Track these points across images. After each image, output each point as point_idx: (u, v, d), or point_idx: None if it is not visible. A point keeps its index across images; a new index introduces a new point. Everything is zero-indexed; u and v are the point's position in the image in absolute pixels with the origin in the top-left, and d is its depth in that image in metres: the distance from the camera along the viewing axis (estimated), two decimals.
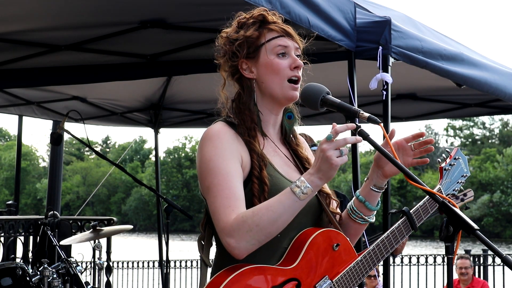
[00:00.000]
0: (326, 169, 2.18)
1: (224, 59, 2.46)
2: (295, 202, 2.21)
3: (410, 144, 2.46)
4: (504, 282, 10.98)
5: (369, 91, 4.56)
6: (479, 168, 47.56)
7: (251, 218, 2.21)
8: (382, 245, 2.43)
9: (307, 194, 2.21)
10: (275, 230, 2.23)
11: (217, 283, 2.22)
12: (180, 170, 57.69)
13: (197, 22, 4.98)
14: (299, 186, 2.20)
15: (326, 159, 2.16)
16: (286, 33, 2.42)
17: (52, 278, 5.04)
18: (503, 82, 5.96)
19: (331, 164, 2.16)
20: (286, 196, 2.22)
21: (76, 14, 4.94)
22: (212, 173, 2.29)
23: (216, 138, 2.34)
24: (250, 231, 2.20)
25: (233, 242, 2.21)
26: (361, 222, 2.49)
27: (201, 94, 7.19)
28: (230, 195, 2.26)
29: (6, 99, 7.32)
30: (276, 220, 2.21)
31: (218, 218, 2.26)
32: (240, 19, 2.46)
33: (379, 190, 2.47)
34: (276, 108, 2.47)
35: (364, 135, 2.24)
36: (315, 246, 2.36)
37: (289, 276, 2.30)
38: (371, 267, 2.44)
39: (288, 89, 2.40)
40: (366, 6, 4.96)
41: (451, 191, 2.67)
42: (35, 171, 61.15)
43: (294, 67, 2.40)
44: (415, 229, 2.49)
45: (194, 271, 13.25)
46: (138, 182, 6.26)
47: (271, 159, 2.41)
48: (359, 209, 2.48)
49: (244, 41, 2.40)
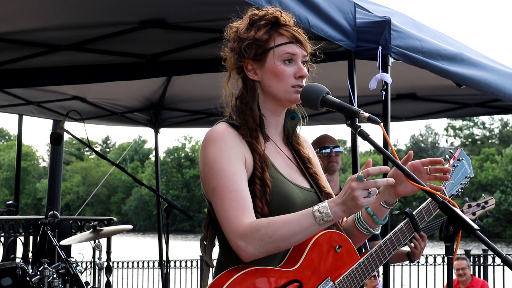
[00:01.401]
0: (351, 206, 2.18)
1: (231, 54, 2.44)
2: (313, 226, 2.21)
3: (426, 168, 2.42)
4: (504, 282, 10.98)
5: (369, 91, 4.56)
6: (479, 168, 47.54)
7: (265, 228, 2.21)
8: (384, 247, 2.42)
9: (326, 222, 2.21)
10: (285, 246, 2.25)
11: (219, 284, 2.22)
12: (180, 170, 57.68)
13: (197, 22, 4.98)
14: (321, 212, 2.20)
15: (353, 198, 2.16)
16: (296, 39, 2.40)
17: (52, 278, 5.04)
18: (503, 82, 5.95)
19: (357, 203, 2.16)
20: (305, 218, 2.21)
21: (76, 14, 4.94)
22: (217, 175, 2.29)
23: (220, 139, 2.33)
24: (261, 240, 2.20)
25: (243, 245, 2.21)
26: (366, 233, 2.50)
27: (201, 94, 7.18)
28: (237, 197, 2.26)
29: (6, 99, 7.32)
30: (289, 237, 2.21)
31: (227, 221, 2.25)
32: (253, 16, 2.43)
33: (388, 207, 2.46)
34: (279, 109, 2.46)
35: (364, 135, 2.24)
36: (317, 248, 2.35)
37: (291, 278, 2.30)
38: (373, 269, 2.43)
39: (292, 92, 2.40)
40: (366, 6, 4.96)
41: (455, 192, 2.67)
42: (35, 171, 61.15)
43: (299, 76, 2.39)
44: (418, 231, 2.49)
45: (194, 271, 13.24)
46: (138, 182, 6.26)
47: (273, 160, 2.40)
48: (366, 220, 2.47)
49: (253, 42, 2.38)
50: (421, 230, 3.91)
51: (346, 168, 49.12)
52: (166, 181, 55.80)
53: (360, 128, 2.25)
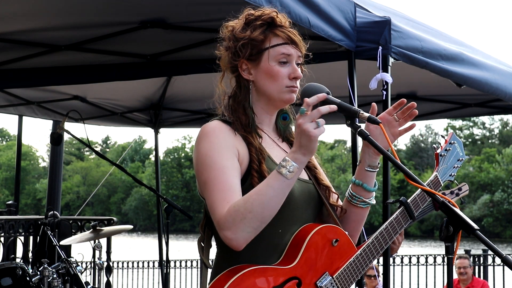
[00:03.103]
0: (306, 143, 2.17)
1: (226, 53, 2.45)
2: (283, 182, 2.20)
3: (394, 115, 2.48)
4: (504, 282, 10.98)
5: (369, 91, 4.56)
6: (479, 168, 47.56)
7: (243, 206, 2.19)
8: (381, 237, 2.43)
9: (294, 172, 2.20)
10: (268, 214, 2.22)
11: (219, 286, 2.22)
12: (180, 170, 57.70)
13: (197, 22, 4.98)
14: (285, 166, 2.19)
15: (304, 133, 2.16)
16: (291, 40, 2.41)
17: (52, 278, 5.04)
18: (504, 82, 5.95)
19: (310, 136, 2.16)
20: (274, 178, 2.21)
21: (76, 14, 4.94)
22: (208, 168, 2.29)
23: (212, 133, 2.34)
24: (244, 219, 2.18)
25: (230, 234, 2.20)
26: (363, 206, 2.49)
27: (201, 94, 7.18)
28: (225, 188, 2.26)
29: (6, 99, 7.32)
30: (267, 203, 2.19)
31: (214, 213, 2.25)
32: (249, 16, 2.44)
33: (374, 170, 2.47)
34: (272, 109, 2.48)
35: (363, 135, 2.25)
36: (314, 243, 2.36)
37: (290, 275, 2.30)
38: (371, 260, 2.44)
39: (286, 93, 2.41)
40: (366, 6, 4.96)
41: (448, 176, 2.67)
42: (35, 171, 61.16)
43: (293, 77, 2.40)
44: (413, 219, 2.49)
45: (194, 271, 13.24)
46: (138, 182, 6.27)
47: (270, 152, 2.41)
48: (358, 193, 2.48)
49: (249, 42, 2.39)
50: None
51: (346, 168, 49.15)
52: (166, 181, 55.81)
53: (360, 128, 2.25)
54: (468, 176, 46.66)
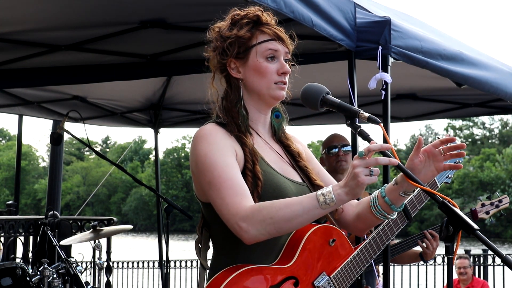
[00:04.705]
0: (353, 186, 2.15)
1: (214, 54, 2.48)
2: (315, 209, 2.18)
3: (440, 149, 2.37)
4: (504, 282, 10.98)
5: (369, 91, 4.56)
6: (479, 168, 47.54)
7: (267, 209, 2.19)
8: (378, 238, 2.44)
9: (329, 206, 2.18)
10: (287, 228, 2.21)
11: (216, 285, 2.22)
12: (180, 170, 57.70)
13: (197, 22, 4.98)
14: (325, 195, 2.18)
15: (354, 176, 2.14)
16: (277, 37, 2.42)
17: (52, 278, 5.03)
18: (504, 82, 5.94)
19: (358, 181, 2.13)
20: (308, 200, 2.19)
21: (76, 14, 4.94)
22: (211, 167, 2.28)
23: (209, 135, 2.35)
24: (263, 222, 2.18)
25: (245, 226, 2.19)
26: (382, 218, 2.45)
27: (201, 94, 7.08)
28: (234, 185, 2.25)
29: (6, 99, 7.31)
30: (291, 219, 2.18)
31: (227, 207, 2.23)
32: (235, 16, 2.46)
33: (407, 196, 2.39)
34: (264, 107, 2.47)
35: (364, 135, 2.25)
36: (311, 243, 2.37)
37: (287, 275, 2.31)
38: (368, 261, 2.44)
39: (275, 89, 2.41)
40: (366, 6, 4.95)
41: (445, 178, 2.67)
42: (35, 171, 61.14)
43: (282, 73, 2.41)
44: (410, 220, 2.49)
45: (194, 271, 13.24)
46: (138, 182, 6.27)
47: (263, 154, 2.41)
48: (383, 207, 2.40)
49: (236, 40, 2.41)
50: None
51: None
52: (166, 181, 55.81)
53: (360, 128, 2.25)
54: (468, 176, 46.67)
